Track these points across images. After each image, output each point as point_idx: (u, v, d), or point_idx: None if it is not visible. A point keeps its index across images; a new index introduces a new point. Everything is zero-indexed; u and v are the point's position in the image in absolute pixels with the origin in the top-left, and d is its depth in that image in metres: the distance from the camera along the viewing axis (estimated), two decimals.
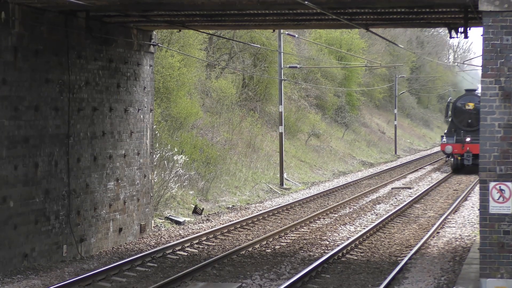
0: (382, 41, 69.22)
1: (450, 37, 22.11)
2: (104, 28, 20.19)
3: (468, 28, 20.19)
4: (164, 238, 22.70)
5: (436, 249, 20.48)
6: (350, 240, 21.24)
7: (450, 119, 52.49)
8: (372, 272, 17.54)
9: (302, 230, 24.41)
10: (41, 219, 17.86)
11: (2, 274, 16.29)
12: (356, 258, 19.50)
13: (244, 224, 25.37)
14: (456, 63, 61.05)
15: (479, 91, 51.86)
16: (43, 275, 16.77)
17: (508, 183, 12.63)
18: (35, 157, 17.59)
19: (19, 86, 16.90)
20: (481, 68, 13.43)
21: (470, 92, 53.31)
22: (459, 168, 49.16)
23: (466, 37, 21.26)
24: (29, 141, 17.32)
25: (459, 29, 20.47)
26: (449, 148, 47.57)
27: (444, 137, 50.34)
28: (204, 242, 21.88)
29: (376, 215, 28.22)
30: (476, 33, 21.77)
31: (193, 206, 28.03)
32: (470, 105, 49.21)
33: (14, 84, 16.72)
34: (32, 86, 17.36)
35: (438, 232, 23.01)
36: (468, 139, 47.19)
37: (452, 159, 49.47)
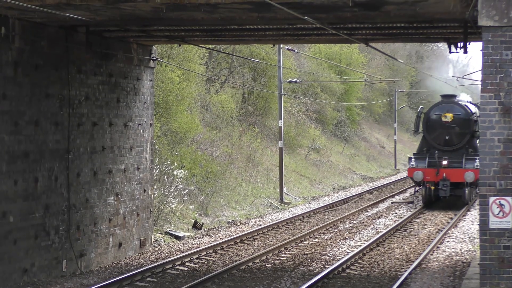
0: (381, 56, 69.27)
1: (450, 52, 22.14)
2: (104, 43, 20.25)
3: (467, 43, 20.26)
4: (164, 253, 22.68)
5: (436, 264, 20.47)
6: (350, 255, 21.23)
7: (422, 135, 38.94)
8: (372, 287, 17.53)
9: (302, 244, 24.39)
10: (41, 234, 17.86)
11: None
12: (356, 273, 19.48)
13: (244, 239, 25.37)
14: (455, 78, 57.86)
15: (461, 98, 44.64)
16: None
17: (508, 198, 12.65)
18: (35, 172, 17.60)
19: (19, 100, 16.93)
20: (480, 82, 13.46)
21: (448, 99, 39.10)
22: (433, 201, 36.96)
23: (465, 52, 21.30)
24: (29, 156, 17.33)
25: (459, 44, 20.54)
26: (418, 175, 34.91)
27: (413, 159, 36.50)
28: (204, 257, 21.87)
29: (376, 229, 28.25)
30: (475, 48, 22.36)
31: (193, 220, 28.01)
32: (448, 116, 35.85)
33: (14, 98, 16.75)
34: (32, 101, 17.40)
35: (438, 247, 23.00)
36: (444, 162, 34.76)
37: (423, 189, 36.05)
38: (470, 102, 41.78)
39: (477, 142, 33.03)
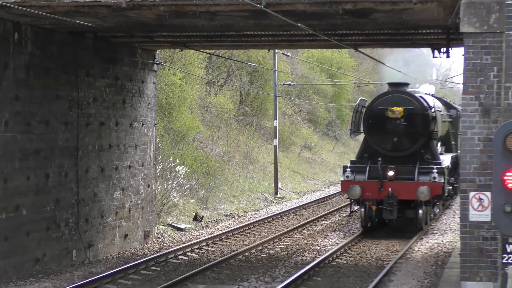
0: (370, 60, 69.40)
1: (433, 57, 22.16)
2: (110, 48, 20.25)
3: (450, 48, 20.29)
4: (166, 243, 22.69)
5: (420, 254, 20.49)
6: (340, 245, 21.23)
7: (364, 137, 25.21)
8: (360, 276, 17.53)
9: (295, 236, 24.37)
10: (52, 226, 17.88)
11: (16, 278, 16.33)
12: (345, 262, 19.50)
13: (241, 230, 25.37)
14: (438, 81, 57.26)
15: (422, 89, 31.65)
16: (53, 278, 16.79)
17: (487, 193, 12.64)
18: (46, 168, 17.62)
19: (31, 102, 16.94)
20: (462, 85, 13.46)
21: (398, 88, 24.97)
22: (375, 225, 24.35)
23: (448, 56, 21.33)
24: (40, 153, 17.34)
25: (442, 49, 20.58)
26: (355, 190, 22.36)
27: (348, 169, 23.68)
28: (203, 247, 21.88)
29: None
30: (457, 53, 21.57)
31: (194, 213, 28.02)
32: (397, 111, 22.88)
33: (27, 100, 16.76)
34: (43, 102, 17.41)
35: (421, 238, 23.01)
36: (391, 173, 22.38)
37: (362, 209, 23.38)
38: (431, 95, 29.44)
39: (438, 145, 25.48)
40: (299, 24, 14.84)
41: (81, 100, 19.00)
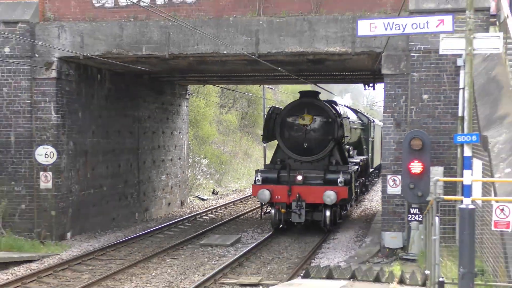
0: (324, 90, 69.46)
1: (365, 89, 22.28)
2: (159, 84, 20.29)
3: (375, 84, 20.41)
4: (194, 208, 22.68)
5: (355, 215, 20.50)
6: None
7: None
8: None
9: None
10: (122, 197, 17.93)
11: (100, 230, 16.39)
12: None
13: (243, 200, 25.37)
14: (367, 105, 57.54)
15: (341, 101, 26.40)
16: (123, 230, 16.83)
17: (398, 176, 12.71)
18: (118, 161, 17.66)
19: (109, 118, 16.99)
20: (383, 107, 13.53)
21: (308, 97, 17.19)
22: (284, 227, 16.39)
23: (374, 89, 21.49)
24: (115, 151, 17.39)
25: (370, 84, 20.69)
26: (264, 194, 15.58)
27: (259, 173, 16.44)
28: (219, 210, 21.88)
29: None
30: (379, 87, 21.44)
31: (212, 189, 28.05)
32: (306, 119, 16.47)
33: (106, 117, 16.81)
34: (116, 119, 17.44)
35: (357, 205, 22.93)
36: (299, 178, 15.88)
37: (272, 212, 16.18)
38: (346, 106, 24.05)
39: (350, 149, 19.42)
40: (279, 68, 14.89)
41: (140, 117, 19.03)
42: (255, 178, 15.95)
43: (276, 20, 13.44)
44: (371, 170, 24.62)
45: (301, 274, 10.97)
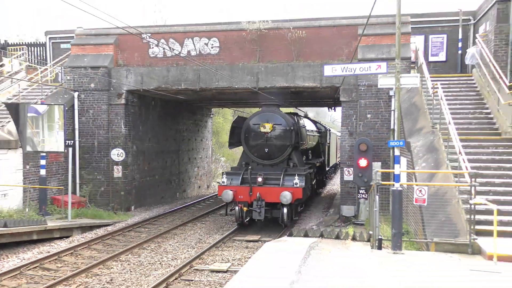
0: (304, 110, 68.41)
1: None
2: (192, 107, 20.17)
3: (335, 107, 20.30)
4: (216, 190, 22.47)
5: (323, 194, 20.26)
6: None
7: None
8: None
9: None
10: (168, 182, 17.78)
11: (153, 205, 16.16)
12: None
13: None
14: (330, 121, 56.80)
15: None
16: (169, 204, 16.64)
17: (351, 168, 12.65)
18: (166, 158, 17.53)
19: (159, 130, 16.88)
20: (341, 123, 13.50)
21: (270, 107, 12.74)
22: (246, 224, 11.99)
23: (335, 110, 21.35)
24: (163, 152, 17.29)
25: (332, 107, 20.61)
26: (228, 194, 11.14)
27: (225, 175, 11.93)
28: None
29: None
30: (339, 110, 21.04)
31: None
32: (267, 127, 11.99)
33: (157, 129, 16.71)
34: (164, 130, 17.35)
35: (325, 187, 22.55)
36: (259, 179, 11.36)
37: (236, 209, 11.38)
38: (306, 117, 18.64)
39: (309, 153, 15.96)
40: (272, 97, 14.80)
41: (180, 129, 18.92)
42: (222, 179, 12.03)
43: (270, 65, 13.48)
44: (327, 169, 21.69)
45: (287, 234, 10.91)
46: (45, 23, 39.69)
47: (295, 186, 11.57)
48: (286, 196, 11.14)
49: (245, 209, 11.62)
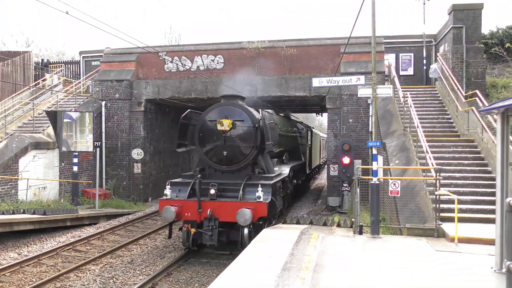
0: (298, 116, 67.51)
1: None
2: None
3: (322, 113, 20.24)
4: None
5: (312, 187, 20.06)
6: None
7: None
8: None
9: None
10: (177, 176, 17.46)
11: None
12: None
13: None
14: (319, 125, 56.19)
15: (268, 113, 9.68)
16: None
17: (336, 165, 12.66)
18: (178, 157, 17.25)
19: (173, 133, 16.62)
20: (327, 126, 13.49)
21: (232, 99, 7.11)
22: (195, 249, 6.35)
23: (322, 116, 21.30)
24: (176, 152, 16.80)
25: (320, 113, 20.58)
26: (169, 213, 5.73)
27: (168, 186, 6.63)
28: None
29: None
30: (325, 115, 20.55)
31: None
32: (226, 124, 6.26)
33: (171, 132, 16.47)
34: (174, 132, 17.15)
35: (314, 182, 22.22)
36: (212, 191, 6.08)
37: (183, 230, 6.13)
38: (280, 115, 13.17)
39: (285, 156, 11.50)
40: (268, 104, 14.85)
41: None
42: (165, 192, 7.50)
43: (266, 78, 13.52)
44: (308, 171, 16.25)
45: (281, 222, 10.91)
46: (80, 43, 40.44)
47: (257, 200, 7.08)
48: (245, 216, 6.70)
49: (192, 230, 7.14)
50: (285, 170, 9.99)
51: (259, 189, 7.17)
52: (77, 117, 12.16)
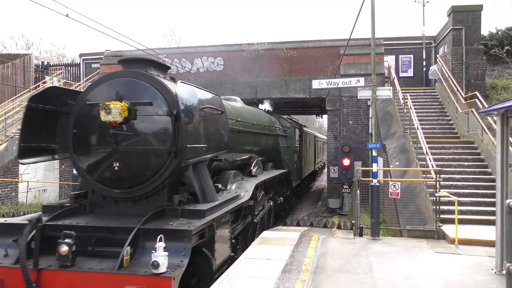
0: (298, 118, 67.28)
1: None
2: None
3: (322, 115, 20.26)
4: None
5: (313, 189, 20.01)
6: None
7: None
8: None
9: None
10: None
11: None
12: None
13: None
14: (319, 127, 56.33)
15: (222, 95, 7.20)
16: None
17: (336, 167, 12.67)
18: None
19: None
20: (327, 127, 13.48)
21: (138, 64, 2.53)
22: None
23: (322, 118, 21.33)
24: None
25: (320, 115, 20.58)
26: None
27: None
28: None
29: None
30: (325, 117, 20.51)
31: None
32: (115, 110, 2.13)
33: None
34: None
35: (314, 183, 22.13)
36: (64, 248, 1.81)
37: None
38: (245, 104, 7.77)
39: (270, 165, 7.87)
40: (266, 110, 14.79)
41: None
42: None
43: (266, 80, 13.51)
44: (297, 182, 11.96)
45: (282, 224, 10.92)
46: (80, 45, 40.63)
47: (154, 272, 3.08)
48: None
49: None
50: (247, 188, 5.60)
51: (159, 245, 3.20)
52: None
